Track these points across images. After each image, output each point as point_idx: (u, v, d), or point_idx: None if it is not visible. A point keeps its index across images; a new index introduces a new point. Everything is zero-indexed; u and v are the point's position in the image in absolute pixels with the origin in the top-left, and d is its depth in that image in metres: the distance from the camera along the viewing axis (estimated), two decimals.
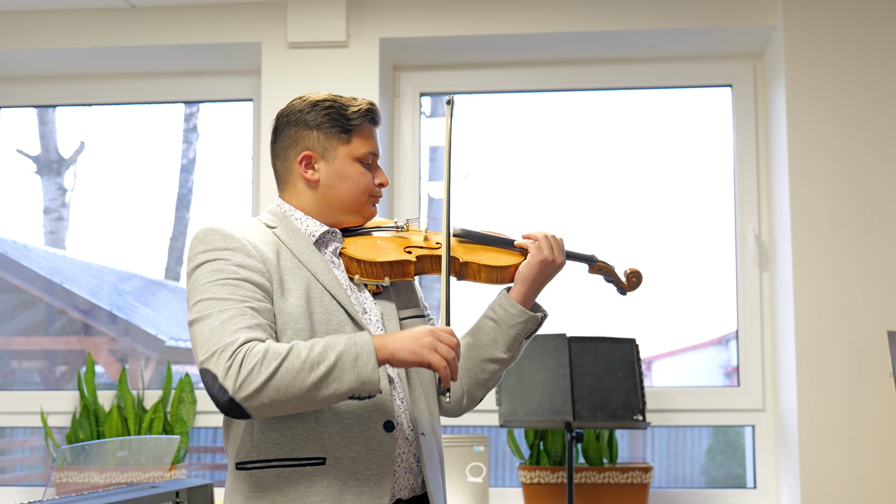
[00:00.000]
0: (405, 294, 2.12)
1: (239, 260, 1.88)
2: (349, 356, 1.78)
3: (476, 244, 2.12)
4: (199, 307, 1.84)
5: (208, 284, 1.85)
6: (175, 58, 3.97)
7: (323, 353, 1.78)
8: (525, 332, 2.07)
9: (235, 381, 1.74)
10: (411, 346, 1.83)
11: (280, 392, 1.75)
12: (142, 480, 3.02)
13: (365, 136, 2.05)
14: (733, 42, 3.80)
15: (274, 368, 1.75)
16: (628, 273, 2.23)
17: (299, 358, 1.76)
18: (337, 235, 2.06)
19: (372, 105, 2.06)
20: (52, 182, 4.44)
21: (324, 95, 2.06)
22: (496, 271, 2.07)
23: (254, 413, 1.77)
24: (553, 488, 3.51)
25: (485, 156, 4.18)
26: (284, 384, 1.75)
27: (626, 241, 4.00)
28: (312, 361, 1.77)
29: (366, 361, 1.79)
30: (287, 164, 2.06)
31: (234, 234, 1.91)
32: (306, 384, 1.76)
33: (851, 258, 3.47)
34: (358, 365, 1.78)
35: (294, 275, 1.94)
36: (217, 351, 1.77)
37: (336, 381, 1.77)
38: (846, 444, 3.40)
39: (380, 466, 1.89)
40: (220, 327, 1.79)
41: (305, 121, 2.04)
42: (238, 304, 1.82)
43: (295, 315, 1.89)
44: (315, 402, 1.79)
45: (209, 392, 1.78)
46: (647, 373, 4.16)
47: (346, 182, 2.03)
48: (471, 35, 3.76)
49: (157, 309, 4.49)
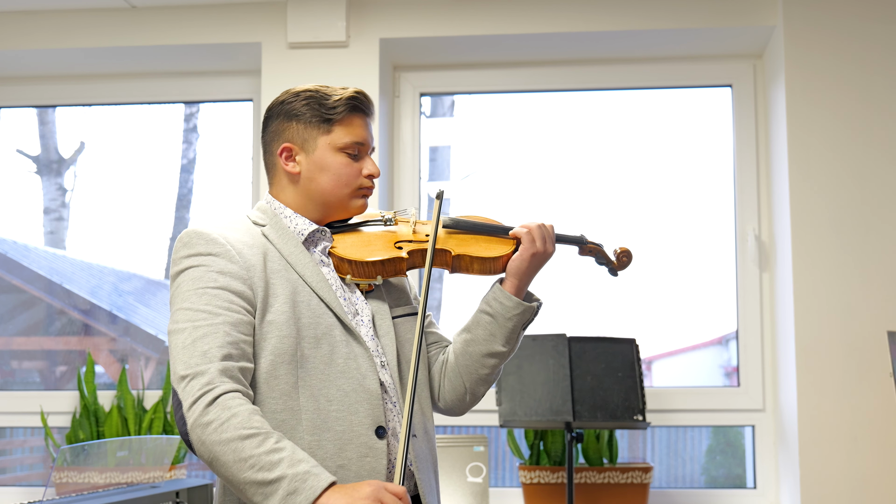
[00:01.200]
0: (395, 292, 2.08)
1: (220, 266, 1.85)
2: (288, 486, 1.67)
3: (466, 234, 2.08)
4: (176, 316, 1.83)
5: (188, 293, 1.83)
6: (175, 58, 3.97)
7: (274, 463, 1.69)
8: (522, 322, 2.04)
9: (193, 420, 1.72)
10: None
11: (217, 462, 1.72)
12: (142, 480, 3.02)
13: (348, 125, 1.98)
14: (733, 42, 3.80)
15: (225, 439, 1.70)
16: (618, 252, 2.22)
17: (253, 449, 1.69)
18: (326, 234, 2.02)
19: (357, 93, 1.99)
20: (52, 182, 4.44)
21: (308, 86, 2.01)
22: (489, 262, 2.04)
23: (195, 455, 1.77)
24: (553, 488, 3.51)
25: (485, 156, 4.18)
26: (224, 459, 1.71)
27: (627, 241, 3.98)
28: (259, 462, 1.69)
29: (297, 503, 1.67)
30: (272, 157, 2.02)
31: (219, 238, 1.88)
32: (239, 476, 1.70)
33: (851, 258, 3.47)
34: (287, 500, 1.67)
35: (281, 277, 1.90)
36: (188, 377, 1.74)
37: (261, 495, 1.68)
38: (846, 444, 3.40)
39: (371, 473, 1.86)
40: (192, 345, 1.77)
41: (286, 112, 1.99)
42: (213, 319, 1.79)
43: (278, 323, 1.85)
44: (238, 493, 1.73)
45: (174, 412, 1.78)
46: (647, 373, 4.16)
47: (327, 173, 1.97)
48: (471, 35, 3.76)
49: (157, 309, 4.49)
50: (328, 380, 1.87)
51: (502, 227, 2.10)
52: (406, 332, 2.04)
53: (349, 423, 1.86)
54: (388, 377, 1.95)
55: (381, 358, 1.96)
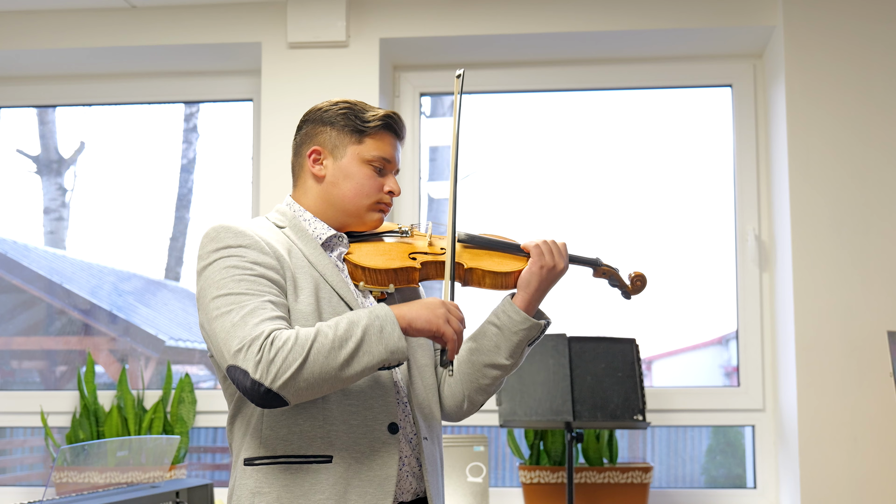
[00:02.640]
0: (408, 298, 2.10)
1: (254, 257, 1.87)
2: (374, 329, 1.81)
3: (480, 249, 2.12)
4: (216, 303, 1.82)
5: (224, 280, 1.84)
6: (175, 58, 3.97)
7: (349, 329, 1.79)
8: (528, 339, 2.07)
9: (269, 372, 1.74)
10: (427, 316, 1.86)
11: (315, 374, 1.76)
12: (142, 480, 3.02)
13: (379, 140, 2.05)
14: (733, 42, 3.80)
15: (306, 353, 1.75)
16: (633, 277, 2.22)
17: (327, 338, 1.77)
18: (343, 240, 2.06)
19: (393, 114, 2.07)
20: (52, 182, 4.44)
21: (349, 98, 2.09)
22: (500, 277, 2.07)
23: (292, 399, 1.77)
24: (553, 488, 3.51)
25: (485, 156, 4.18)
26: (318, 366, 1.76)
27: (627, 241, 4.00)
28: (340, 339, 1.78)
29: (391, 332, 1.81)
30: (300, 159, 2.08)
31: (247, 231, 1.91)
32: (338, 362, 1.77)
33: (851, 258, 3.47)
34: (384, 336, 1.81)
35: (304, 273, 1.94)
36: (244, 347, 1.76)
37: (366, 354, 1.79)
38: (846, 444, 3.40)
39: (383, 468, 1.90)
40: (241, 322, 1.78)
41: (322, 118, 2.06)
42: (257, 299, 1.82)
43: (306, 313, 1.89)
44: (349, 378, 1.80)
45: (240, 388, 1.78)
46: (647, 373, 4.16)
47: (351, 181, 2.03)
48: (471, 35, 3.76)
49: (157, 309, 4.49)
50: None
51: (517, 244, 2.13)
52: (417, 339, 2.06)
53: (363, 418, 1.90)
54: (400, 377, 1.99)
55: None
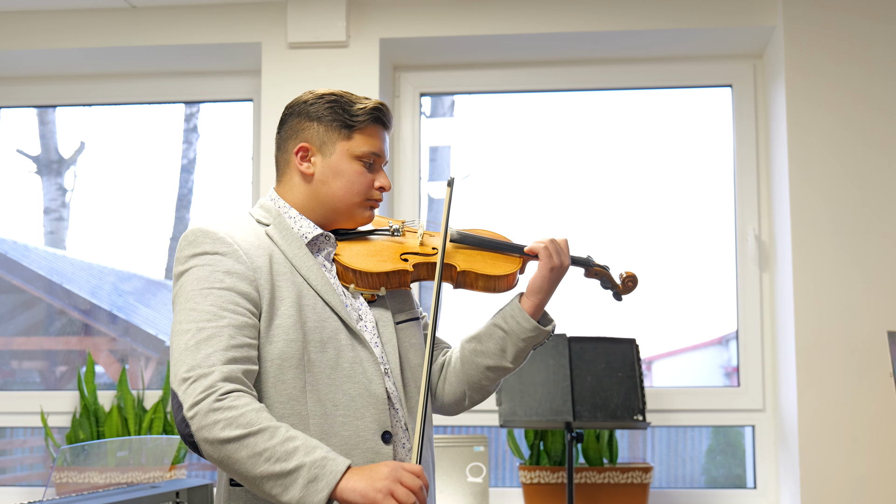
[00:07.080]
0: (398, 297, 2.06)
1: (227, 266, 1.82)
2: (307, 474, 1.67)
3: (474, 249, 2.06)
4: (180, 317, 1.79)
5: (192, 293, 1.80)
6: (175, 58, 3.97)
7: (290, 453, 1.68)
8: (534, 344, 2.04)
9: (202, 422, 1.69)
10: (364, 489, 1.67)
11: (229, 460, 1.69)
12: (142, 480, 3.02)
13: (368, 134, 1.98)
14: (733, 42, 3.80)
15: (236, 436, 1.68)
16: (623, 277, 2.17)
17: (266, 442, 1.68)
18: (330, 240, 2.00)
19: (380, 105, 2.00)
20: (52, 182, 4.44)
21: (333, 90, 2.01)
22: (493, 280, 2.02)
23: (204, 457, 1.73)
24: (553, 488, 3.51)
25: (485, 156, 4.18)
26: (237, 456, 1.69)
27: (627, 241, 4.00)
28: (275, 454, 1.68)
29: (319, 490, 1.67)
30: (286, 155, 2.01)
31: (226, 237, 1.86)
32: (255, 472, 1.68)
33: (851, 258, 3.47)
34: (309, 488, 1.67)
35: (286, 280, 1.88)
36: (190, 379, 1.71)
37: (280, 487, 1.68)
38: (846, 444, 3.40)
39: None
40: (195, 348, 1.74)
41: (308, 112, 1.99)
42: (217, 321, 1.77)
43: (285, 326, 1.84)
44: (254, 488, 1.71)
45: (173, 413, 1.74)
46: (647, 373, 4.16)
47: (341, 179, 1.97)
48: (471, 35, 3.76)
49: (157, 309, 4.48)
50: (334, 384, 1.86)
51: (510, 243, 2.08)
52: (410, 338, 2.03)
53: (355, 429, 1.86)
54: (391, 385, 1.94)
55: (384, 366, 1.95)
